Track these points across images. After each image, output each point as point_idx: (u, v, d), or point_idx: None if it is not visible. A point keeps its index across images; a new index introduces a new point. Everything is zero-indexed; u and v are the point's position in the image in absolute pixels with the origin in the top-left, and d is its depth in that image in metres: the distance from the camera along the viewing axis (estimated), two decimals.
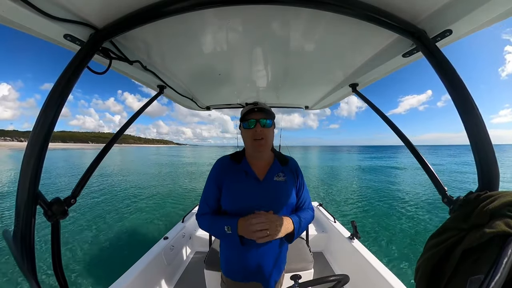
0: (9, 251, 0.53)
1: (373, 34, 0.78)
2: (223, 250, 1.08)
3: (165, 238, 2.28)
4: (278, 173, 1.03)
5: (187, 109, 2.02)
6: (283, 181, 1.02)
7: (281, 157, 1.11)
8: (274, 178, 1.01)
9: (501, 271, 0.35)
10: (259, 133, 0.98)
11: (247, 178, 1.00)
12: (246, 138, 1.02)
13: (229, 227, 0.91)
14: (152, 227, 6.77)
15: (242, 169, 1.02)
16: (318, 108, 2.06)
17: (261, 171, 1.03)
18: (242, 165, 1.03)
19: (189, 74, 1.22)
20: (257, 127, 0.98)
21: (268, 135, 1.00)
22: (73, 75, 0.60)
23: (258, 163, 1.05)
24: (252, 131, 0.98)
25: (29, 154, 0.54)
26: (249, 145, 1.02)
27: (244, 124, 1.01)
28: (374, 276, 1.72)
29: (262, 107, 1.00)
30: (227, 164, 1.05)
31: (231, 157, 1.08)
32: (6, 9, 0.54)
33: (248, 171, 1.01)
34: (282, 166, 1.06)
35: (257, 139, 0.98)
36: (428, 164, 0.78)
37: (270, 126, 1.01)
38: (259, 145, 0.98)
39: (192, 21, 0.72)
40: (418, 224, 6.77)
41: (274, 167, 1.04)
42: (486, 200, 0.46)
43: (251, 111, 0.99)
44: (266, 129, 0.99)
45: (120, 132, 0.99)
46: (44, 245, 4.93)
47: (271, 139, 1.04)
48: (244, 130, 1.02)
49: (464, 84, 0.60)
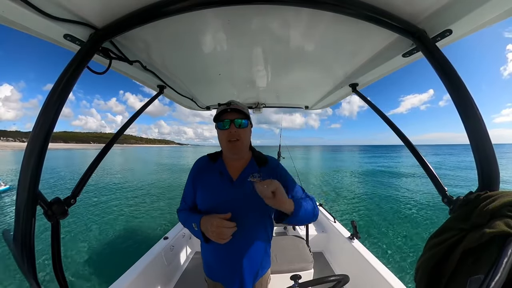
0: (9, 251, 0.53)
1: (373, 34, 0.78)
2: (202, 247, 1.06)
3: (165, 238, 2.28)
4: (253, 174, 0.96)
5: (189, 109, 2.02)
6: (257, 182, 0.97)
7: (259, 157, 1.07)
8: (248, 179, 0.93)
9: (501, 271, 0.35)
10: (233, 134, 0.94)
11: (221, 178, 0.98)
12: (221, 139, 0.98)
13: (195, 224, 0.92)
14: (152, 227, 6.77)
15: (217, 168, 1.01)
16: (318, 108, 2.06)
17: (236, 172, 1.01)
18: (217, 165, 1.02)
19: (189, 74, 1.22)
20: (232, 127, 0.94)
21: (244, 136, 0.96)
22: (73, 75, 0.60)
23: (233, 163, 1.03)
24: (227, 132, 0.94)
25: (29, 154, 0.54)
26: (224, 146, 0.98)
27: (219, 125, 0.96)
28: (374, 276, 1.72)
29: (236, 107, 0.95)
30: (204, 164, 1.06)
31: (209, 157, 1.08)
32: (6, 9, 0.54)
33: (223, 171, 1.00)
34: (259, 166, 1.03)
35: (232, 140, 0.94)
36: (428, 164, 0.78)
37: (246, 126, 0.97)
38: (234, 146, 0.95)
39: (192, 21, 0.72)
40: (418, 224, 6.76)
41: (249, 168, 1.01)
42: (486, 200, 0.46)
43: (225, 111, 0.94)
44: (241, 130, 0.95)
45: (120, 132, 0.99)
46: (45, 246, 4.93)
47: (248, 139, 1.00)
48: (219, 131, 0.98)
49: (464, 84, 0.60)
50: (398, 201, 9.34)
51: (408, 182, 14.22)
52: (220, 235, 0.85)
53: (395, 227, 6.50)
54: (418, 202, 9.13)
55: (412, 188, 12.11)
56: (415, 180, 14.58)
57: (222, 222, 0.86)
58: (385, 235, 5.98)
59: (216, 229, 0.85)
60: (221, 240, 0.85)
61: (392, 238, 5.79)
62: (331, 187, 12.69)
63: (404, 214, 7.71)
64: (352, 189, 12.01)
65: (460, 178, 16.37)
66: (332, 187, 12.65)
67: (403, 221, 7.00)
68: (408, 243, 5.51)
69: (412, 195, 10.35)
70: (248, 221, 0.94)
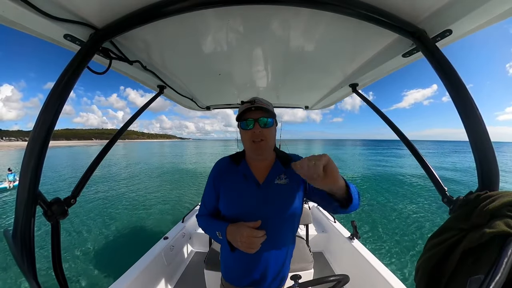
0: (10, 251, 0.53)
1: (373, 34, 0.78)
2: (223, 252, 1.04)
3: (165, 238, 2.28)
4: (280, 176, 0.94)
5: (189, 109, 2.02)
6: (285, 184, 0.93)
7: (284, 157, 1.00)
8: (275, 181, 0.93)
9: (501, 271, 0.35)
10: (258, 134, 0.87)
11: (245, 181, 0.92)
12: (244, 139, 0.92)
13: (219, 233, 0.87)
14: (152, 227, 6.77)
15: (241, 171, 0.94)
16: (318, 108, 2.06)
17: (261, 174, 0.94)
18: (241, 167, 0.96)
19: (189, 74, 1.22)
20: (256, 127, 0.87)
21: (269, 136, 0.89)
22: (73, 75, 0.60)
23: (258, 165, 0.97)
24: (250, 132, 0.88)
25: (29, 154, 0.54)
26: (248, 147, 0.92)
27: (242, 124, 0.90)
28: (374, 276, 1.72)
29: (261, 105, 0.87)
30: (226, 166, 0.98)
31: (231, 158, 1.01)
32: (6, 9, 0.54)
33: (247, 173, 0.94)
34: (284, 167, 0.96)
35: (256, 141, 0.88)
36: (428, 164, 0.79)
37: (271, 125, 0.89)
38: (259, 147, 0.89)
39: (192, 21, 0.72)
40: (419, 224, 6.76)
41: (275, 169, 0.95)
42: (486, 200, 0.46)
43: (248, 109, 0.87)
44: (266, 130, 0.88)
45: (121, 131, 0.99)
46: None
47: (273, 139, 0.94)
48: (242, 131, 0.91)
49: (464, 84, 0.60)
50: (399, 201, 9.33)
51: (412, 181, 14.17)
52: (251, 245, 0.80)
53: (396, 227, 6.50)
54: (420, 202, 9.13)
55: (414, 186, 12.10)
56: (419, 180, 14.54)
57: (252, 232, 0.81)
58: (385, 234, 5.98)
59: (247, 239, 0.80)
60: (251, 250, 0.81)
61: (392, 237, 5.79)
62: None
63: (405, 213, 7.71)
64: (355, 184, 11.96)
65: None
66: None
67: (404, 221, 7.00)
68: (409, 242, 5.51)
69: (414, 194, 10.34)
70: (276, 226, 0.89)
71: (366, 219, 7.09)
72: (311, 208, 3.18)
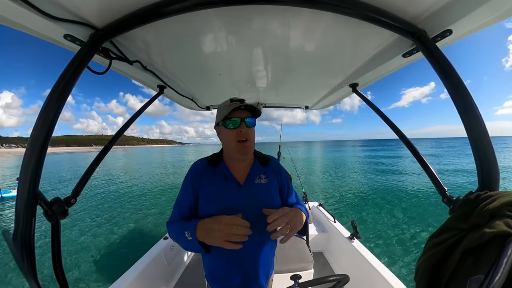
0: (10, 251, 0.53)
1: (373, 34, 0.78)
2: (205, 258, 0.98)
3: (165, 238, 2.28)
4: (260, 175, 0.95)
5: (189, 109, 2.02)
6: (265, 183, 0.95)
7: (262, 157, 1.02)
8: (256, 181, 0.93)
9: (501, 271, 0.35)
10: (243, 133, 0.87)
11: (226, 182, 0.91)
12: (228, 139, 0.90)
13: (189, 232, 0.80)
14: (152, 227, 6.77)
15: (221, 172, 0.93)
16: (318, 108, 2.06)
17: (241, 174, 0.94)
18: (220, 168, 0.94)
19: (189, 74, 1.22)
20: (242, 126, 0.87)
21: (252, 136, 0.91)
22: (73, 75, 0.60)
23: (237, 166, 0.96)
24: (236, 132, 0.87)
25: (29, 154, 0.54)
26: (233, 147, 0.90)
27: (227, 123, 0.88)
28: (374, 276, 1.72)
29: (250, 104, 0.88)
30: (204, 168, 0.95)
31: (208, 159, 0.98)
32: (6, 9, 0.54)
33: (228, 174, 0.92)
34: (263, 167, 0.99)
35: (242, 140, 0.88)
36: (428, 164, 0.79)
37: (254, 125, 0.92)
38: (244, 147, 0.88)
39: (192, 21, 0.72)
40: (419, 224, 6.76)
41: (254, 169, 0.96)
42: (486, 200, 0.46)
43: (237, 108, 0.86)
44: (250, 129, 0.90)
45: (120, 132, 0.99)
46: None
47: (254, 139, 0.94)
48: (226, 130, 0.90)
49: (463, 83, 0.60)
50: (399, 201, 9.34)
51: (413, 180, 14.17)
52: (231, 232, 0.73)
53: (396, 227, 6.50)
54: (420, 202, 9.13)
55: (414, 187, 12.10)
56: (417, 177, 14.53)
57: (233, 219, 0.76)
58: (385, 234, 5.98)
59: (225, 227, 0.73)
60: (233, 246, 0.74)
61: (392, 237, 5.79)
62: (332, 186, 12.68)
63: (406, 213, 7.70)
64: (353, 188, 12.00)
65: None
66: (333, 186, 12.64)
67: (404, 221, 7.00)
68: (409, 242, 5.51)
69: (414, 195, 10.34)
70: (259, 225, 0.86)
71: (366, 219, 7.09)
72: (311, 208, 3.18)
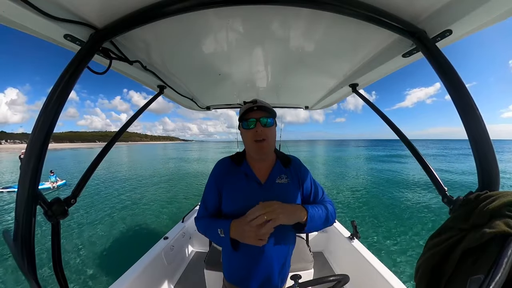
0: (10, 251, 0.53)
1: (373, 34, 0.78)
2: (225, 252, 1.04)
3: (165, 238, 2.28)
4: (281, 175, 0.98)
5: (189, 109, 2.02)
6: (286, 183, 0.97)
7: (284, 158, 1.05)
8: (276, 181, 0.96)
9: (501, 271, 0.35)
10: (260, 133, 0.91)
11: (247, 180, 0.95)
12: (246, 139, 0.95)
13: (222, 230, 0.86)
14: (152, 227, 6.77)
15: (243, 171, 0.97)
16: (318, 108, 2.06)
17: (263, 174, 0.98)
18: (242, 167, 0.98)
19: (189, 74, 1.22)
20: (258, 126, 0.91)
21: (270, 135, 0.93)
22: (73, 75, 0.60)
23: (259, 165, 0.99)
24: (252, 132, 0.92)
25: (29, 154, 0.54)
26: (250, 147, 0.95)
27: (244, 124, 0.94)
28: (374, 276, 1.72)
29: (262, 104, 0.92)
30: (227, 166, 1.00)
31: (232, 158, 1.03)
32: (6, 9, 0.54)
33: (249, 173, 0.96)
34: (285, 167, 1.01)
35: (258, 140, 0.91)
36: (428, 164, 0.79)
37: (271, 125, 0.94)
38: (261, 146, 0.92)
39: (192, 21, 0.72)
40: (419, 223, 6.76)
41: (276, 169, 0.99)
42: (486, 200, 0.46)
43: (250, 109, 0.92)
44: (267, 129, 0.92)
45: (121, 132, 0.99)
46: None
47: (274, 139, 0.98)
48: (244, 131, 0.95)
49: (464, 84, 0.60)
50: (400, 201, 9.33)
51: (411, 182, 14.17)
52: (260, 235, 0.80)
53: (396, 227, 6.50)
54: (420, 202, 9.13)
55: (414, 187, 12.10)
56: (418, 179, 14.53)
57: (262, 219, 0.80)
58: (385, 234, 5.98)
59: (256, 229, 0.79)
60: (260, 242, 0.81)
61: (392, 237, 5.79)
62: (332, 185, 12.67)
63: (406, 213, 7.70)
64: (353, 188, 11.99)
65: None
66: (333, 186, 12.63)
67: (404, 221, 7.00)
68: (409, 242, 5.51)
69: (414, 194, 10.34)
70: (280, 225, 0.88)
71: (366, 219, 7.09)
72: None
